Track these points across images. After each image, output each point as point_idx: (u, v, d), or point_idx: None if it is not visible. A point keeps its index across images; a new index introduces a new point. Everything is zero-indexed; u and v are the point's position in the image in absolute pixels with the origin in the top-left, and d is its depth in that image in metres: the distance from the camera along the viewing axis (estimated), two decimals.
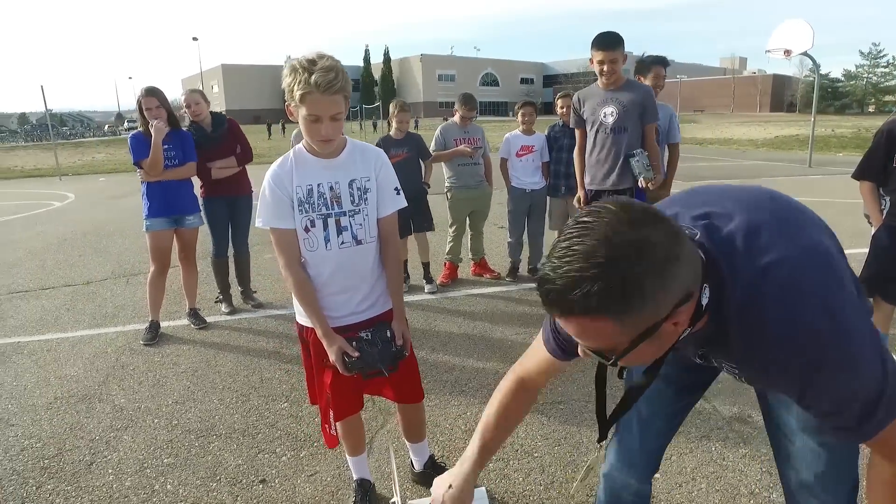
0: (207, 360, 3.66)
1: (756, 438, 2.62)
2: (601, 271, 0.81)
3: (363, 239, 1.89)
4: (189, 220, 4.12)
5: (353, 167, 1.87)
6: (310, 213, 1.83)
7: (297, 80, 1.63)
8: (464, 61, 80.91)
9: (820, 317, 0.95)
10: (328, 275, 1.87)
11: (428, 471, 2.31)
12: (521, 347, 3.64)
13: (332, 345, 1.82)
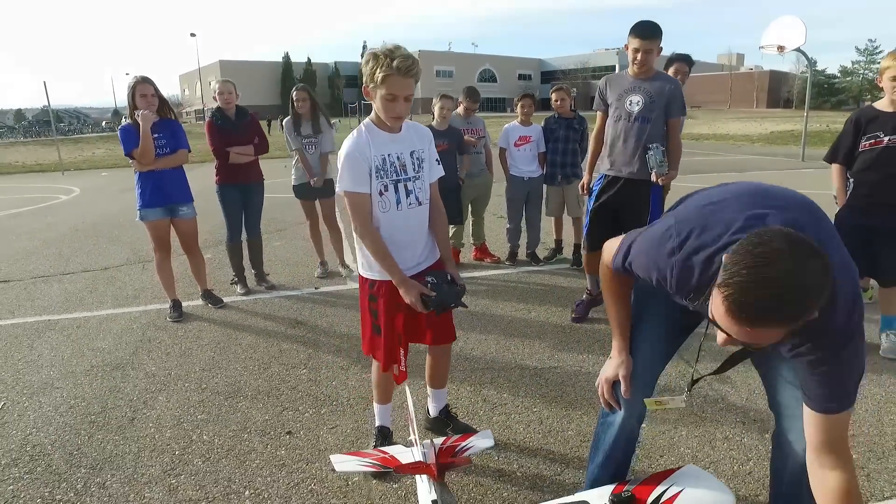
0: (228, 334, 3.93)
1: (732, 394, 2.90)
2: (794, 296, 1.12)
3: (423, 200, 2.24)
4: (183, 211, 4.25)
5: (412, 140, 2.22)
6: (384, 179, 2.14)
7: (379, 65, 1.96)
8: (462, 57, 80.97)
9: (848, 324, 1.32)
10: (399, 232, 2.18)
11: (441, 417, 2.60)
12: (519, 324, 3.96)
13: (411, 289, 2.11)
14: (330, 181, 5.06)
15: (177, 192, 4.23)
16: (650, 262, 1.54)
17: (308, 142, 4.89)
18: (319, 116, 4.92)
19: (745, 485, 2.23)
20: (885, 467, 2.33)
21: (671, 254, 1.46)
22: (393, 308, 2.22)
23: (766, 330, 1.18)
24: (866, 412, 2.74)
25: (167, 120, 4.17)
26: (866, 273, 3.41)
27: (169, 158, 4.14)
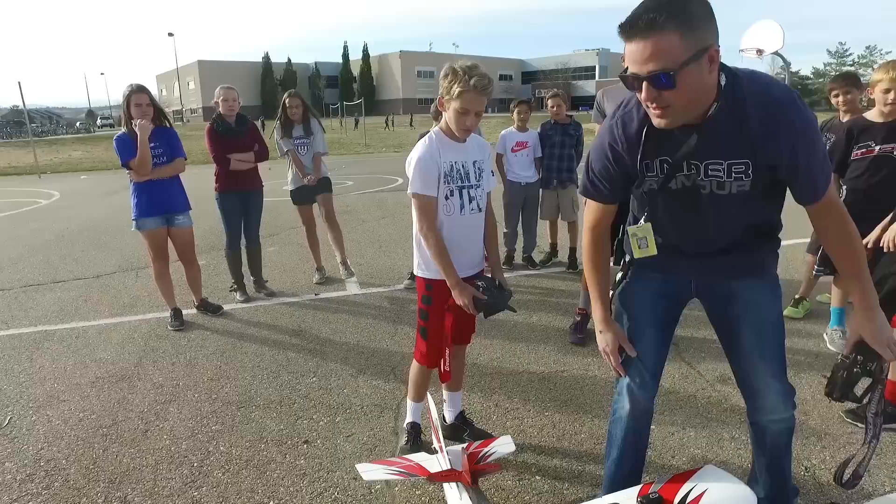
0: (232, 343, 3.93)
1: (734, 395, 3.00)
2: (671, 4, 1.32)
3: (482, 207, 2.39)
4: (179, 220, 4.23)
5: (474, 151, 2.37)
6: (450, 185, 2.28)
7: (457, 80, 2.12)
8: (443, 58, 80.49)
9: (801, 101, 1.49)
10: (459, 236, 2.32)
11: (458, 423, 2.66)
12: (521, 327, 4.03)
13: (465, 291, 2.23)
14: (326, 179, 5.12)
15: (174, 201, 4.20)
16: (600, 146, 1.72)
17: (301, 143, 4.94)
18: (311, 119, 4.97)
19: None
20: (885, 462, 2.44)
21: (610, 118, 1.71)
22: (443, 309, 2.35)
23: (652, 39, 1.34)
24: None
25: (163, 129, 4.15)
26: None
27: (167, 168, 4.12)
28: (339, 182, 12.67)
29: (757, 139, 1.48)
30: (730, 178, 1.56)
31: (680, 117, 1.47)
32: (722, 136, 1.51)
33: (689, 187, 1.63)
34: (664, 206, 1.71)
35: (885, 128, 3.32)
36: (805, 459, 2.48)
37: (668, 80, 1.36)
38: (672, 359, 3.45)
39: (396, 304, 4.61)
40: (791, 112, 1.47)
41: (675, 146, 1.56)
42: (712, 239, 1.74)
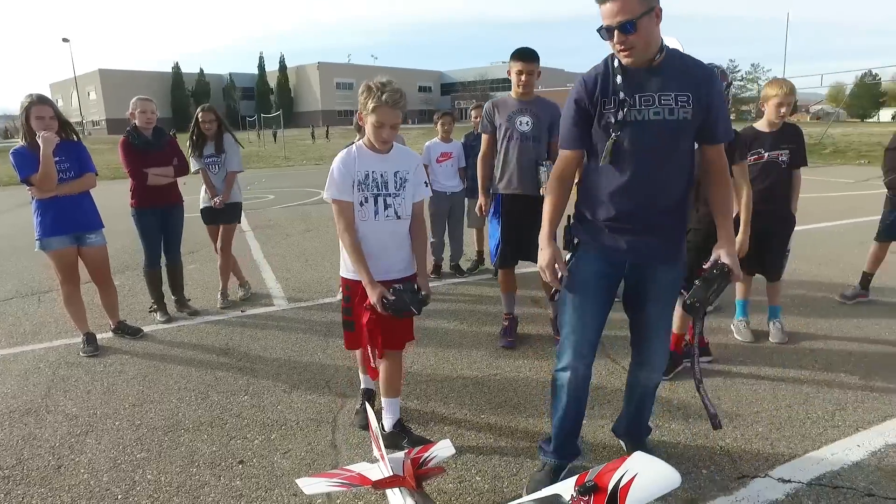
0: (155, 366, 3.73)
1: None
2: None
3: (402, 215, 2.54)
4: (91, 239, 3.98)
5: (398, 162, 2.53)
6: (365, 192, 2.46)
7: (372, 96, 2.34)
8: (362, 69, 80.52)
9: None
10: (374, 239, 2.49)
11: (397, 431, 2.67)
12: (452, 334, 4.10)
13: (375, 290, 2.39)
14: (235, 206, 4.88)
15: (84, 219, 3.94)
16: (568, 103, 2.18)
17: (212, 161, 4.72)
18: (223, 135, 4.76)
19: (678, 465, 2.49)
20: (785, 435, 2.69)
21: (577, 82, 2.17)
22: (362, 305, 2.51)
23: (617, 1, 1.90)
24: (765, 391, 3.14)
25: (69, 142, 3.89)
26: (758, 271, 3.88)
27: (75, 184, 3.86)
28: (260, 196, 12.33)
29: (695, 79, 2.05)
30: (678, 104, 2.03)
31: (640, 56, 2.01)
32: (670, 75, 2.04)
33: (642, 121, 2.05)
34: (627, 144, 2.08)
35: (772, 136, 3.69)
36: (720, 439, 2.69)
37: (632, 26, 1.93)
38: (598, 356, 3.62)
39: (327, 317, 4.55)
40: (713, 75, 2.09)
41: (636, 83, 2.05)
42: (659, 194, 2.12)
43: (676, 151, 2.10)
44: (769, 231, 3.75)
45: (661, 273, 2.22)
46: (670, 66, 2.04)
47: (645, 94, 2.04)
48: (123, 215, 4.50)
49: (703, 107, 2.05)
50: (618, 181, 2.11)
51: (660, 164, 2.09)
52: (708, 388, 3.10)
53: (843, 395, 3.08)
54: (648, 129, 2.05)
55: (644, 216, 2.14)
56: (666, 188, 2.13)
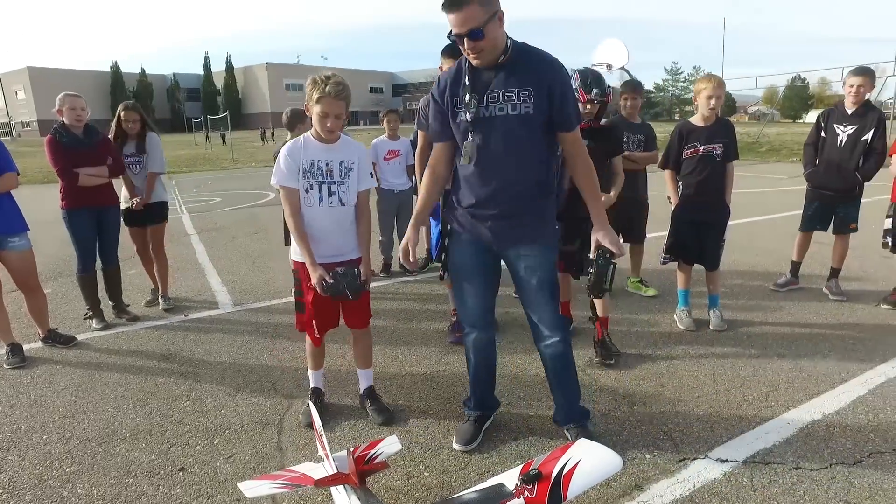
0: (89, 375, 3.54)
1: (602, 377, 3.27)
2: None
3: (346, 202, 2.66)
4: (14, 243, 3.74)
5: (343, 152, 2.66)
6: (310, 179, 2.60)
7: (316, 87, 2.48)
8: (312, 70, 76.20)
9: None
10: (318, 225, 2.62)
11: (364, 395, 2.98)
12: (402, 332, 4.07)
13: (315, 271, 2.55)
14: (160, 205, 4.69)
15: (6, 222, 3.70)
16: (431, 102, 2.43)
17: (132, 161, 4.50)
18: (146, 135, 4.55)
19: (623, 451, 2.55)
20: (723, 417, 2.79)
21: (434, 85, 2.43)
22: (306, 286, 2.66)
23: (462, 11, 2.09)
24: (706, 376, 3.25)
25: None
26: (697, 260, 4.02)
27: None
28: (206, 199, 11.95)
29: (537, 74, 2.23)
30: (520, 100, 2.23)
31: (488, 57, 2.21)
32: (513, 73, 2.23)
33: (489, 117, 2.26)
34: (480, 140, 2.28)
35: (707, 130, 3.83)
36: (663, 424, 2.76)
37: (480, 33, 2.12)
38: None
39: (273, 319, 4.45)
40: (557, 65, 2.28)
41: (483, 83, 2.26)
42: (512, 181, 2.33)
43: (526, 141, 2.30)
44: (706, 222, 3.90)
45: (529, 253, 2.43)
46: (515, 63, 2.24)
47: (491, 91, 2.25)
48: (56, 220, 4.26)
49: (546, 99, 2.23)
50: (474, 172, 2.35)
51: (510, 155, 2.30)
52: (651, 376, 3.22)
53: (776, 377, 3.22)
54: (496, 124, 2.27)
55: (501, 203, 2.36)
56: (519, 176, 2.34)
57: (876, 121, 4.26)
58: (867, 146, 4.26)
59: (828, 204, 4.54)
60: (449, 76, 2.36)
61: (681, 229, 3.99)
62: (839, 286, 4.58)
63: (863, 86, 4.31)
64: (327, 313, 2.74)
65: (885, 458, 2.44)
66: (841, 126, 4.39)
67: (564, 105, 2.27)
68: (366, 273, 2.68)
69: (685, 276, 4.11)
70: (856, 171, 4.32)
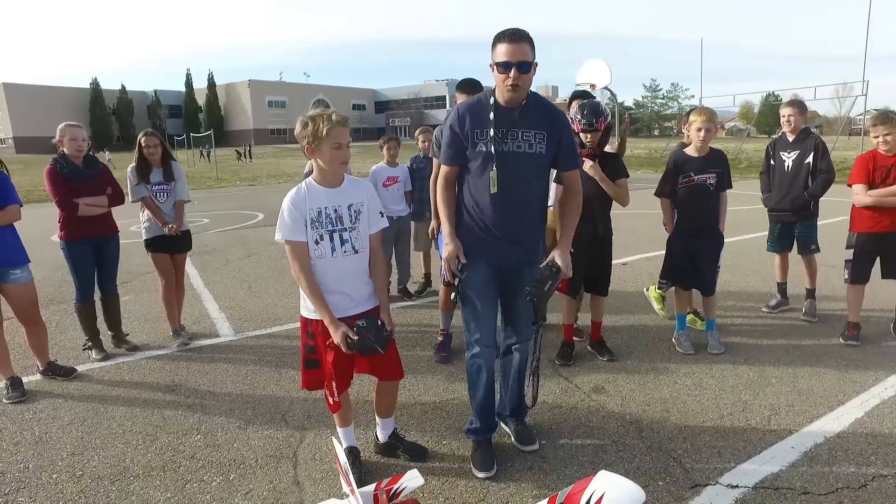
0: (94, 408, 3.51)
1: (610, 403, 3.34)
2: (528, 34, 2.48)
3: (359, 249, 2.51)
4: (15, 275, 3.72)
5: (351, 194, 2.52)
6: (319, 229, 2.43)
7: (322, 121, 2.34)
8: (294, 87, 79.41)
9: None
10: (332, 277, 2.47)
11: (392, 442, 2.84)
12: (406, 362, 4.03)
13: (338, 330, 2.38)
14: (187, 233, 4.71)
15: (7, 254, 3.67)
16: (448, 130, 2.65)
17: (160, 189, 4.53)
18: (171, 162, 4.63)
19: (636, 479, 2.60)
20: (730, 442, 2.87)
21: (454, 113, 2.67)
22: (324, 345, 2.48)
23: (520, 45, 2.41)
24: (709, 401, 3.33)
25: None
26: (693, 286, 4.14)
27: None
28: (194, 220, 11.86)
29: (550, 121, 2.59)
30: (535, 140, 2.55)
31: (522, 93, 2.51)
32: (530, 116, 2.56)
33: (508, 152, 2.53)
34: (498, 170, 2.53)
35: (700, 160, 3.96)
36: (672, 451, 2.82)
37: (529, 66, 2.45)
38: (551, 376, 3.75)
39: (276, 346, 4.45)
40: (563, 116, 2.69)
41: (507, 120, 2.54)
42: (522, 208, 2.62)
43: (535, 178, 2.64)
44: (701, 248, 4.01)
45: (527, 271, 2.69)
46: (532, 109, 2.57)
47: (512, 129, 2.54)
48: (41, 243, 4.25)
49: (555, 142, 2.59)
50: (493, 198, 2.57)
51: (523, 187, 2.59)
52: (656, 402, 3.30)
53: (777, 401, 3.32)
54: (514, 159, 2.54)
55: (512, 230, 2.63)
56: (527, 207, 2.65)
57: (814, 146, 4.59)
58: (811, 169, 4.58)
59: (787, 225, 4.80)
60: (468, 109, 2.61)
61: (676, 255, 4.10)
62: (814, 307, 4.74)
63: (793, 115, 4.69)
64: (346, 372, 2.57)
65: (889, 481, 2.53)
66: (786, 153, 4.75)
67: (571, 150, 2.68)
68: (388, 321, 2.54)
69: (682, 301, 4.21)
70: (804, 190, 4.60)
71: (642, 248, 7.48)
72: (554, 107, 2.70)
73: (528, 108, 2.56)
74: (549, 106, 2.68)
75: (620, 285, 5.85)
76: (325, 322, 2.42)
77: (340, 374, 2.52)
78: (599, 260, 3.86)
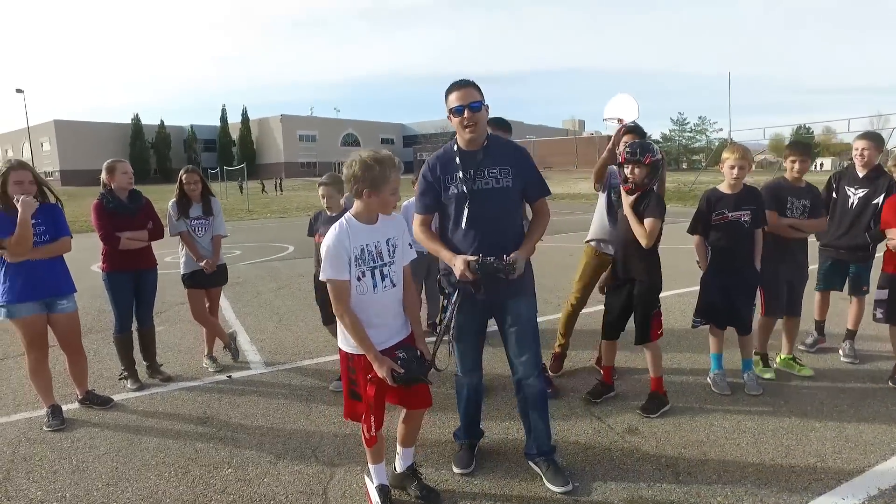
0: (128, 438, 3.56)
1: (645, 445, 3.25)
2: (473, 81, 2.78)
3: (396, 282, 2.60)
4: (62, 305, 3.83)
5: (387, 229, 2.60)
6: (362, 266, 2.50)
7: (385, 167, 2.45)
8: (324, 122, 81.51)
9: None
10: (375, 311, 2.54)
11: (408, 473, 2.85)
12: (438, 396, 4.03)
13: (383, 364, 2.45)
14: (223, 267, 4.85)
15: (56, 284, 3.80)
16: (421, 179, 2.89)
17: (199, 223, 4.69)
18: (210, 198, 4.79)
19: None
20: (773, 491, 2.75)
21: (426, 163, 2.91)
22: (365, 379, 2.53)
23: (467, 89, 2.70)
24: (748, 444, 3.22)
25: (47, 205, 3.83)
26: (728, 324, 4.04)
27: (50, 247, 3.76)
28: (226, 251, 12.04)
29: (512, 157, 2.83)
30: (502, 176, 2.77)
31: (480, 131, 2.75)
32: (493, 155, 2.80)
33: (478, 190, 2.74)
34: (475, 209, 2.75)
35: (734, 198, 3.92)
36: (712, 497, 2.72)
37: (478, 104, 2.71)
38: (583, 415, 3.68)
39: (307, 381, 4.46)
40: (523, 149, 2.94)
41: (472, 162, 2.77)
42: (500, 241, 2.74)
43: (506, 210, 2.83)
44: (735, 286, 3.94)
45: (517, 307, 2.86)
46: (494, 148, 2.82)
47: (479, 169, 2.77)
48: (82, 272, 4.39)
49: (520, 175, 2.81)
50: (468, 236, 2.77)
51: (497, 220, 2.79)
52: (693, 444, 3.16)
53: (822, 447, 3.18)
54: (485, 196, 2.76)
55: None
56: (503, 238, 2.78)
57: (886, 186, 4.32)
58: (877, 209, 4.29)
59: (841, 263, 4.59)
60: (437, 159, 2.88)
61: (710, 293, 4.03)
62: (853, 348, 4.57)
63: (868, 149, 4.40)
64: (383, 406, 2.62)
65: None
66: (852, 188, 4.48)
67: (538, 180, 2.92)
68: (425, 351, 2.60)
69: (717, 340, 4.11)
70: (866, 232, 4.39)
71: (674, 283, 7.35)
72: (514, 143, 2.98)
73: (489, 148, 2.81)
74: (510, 143, 2.97)
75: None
76: (368, 357, 2.47)
77: (380, 409, 2.57)
78: (635, 305, 3.63)
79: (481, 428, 3.24)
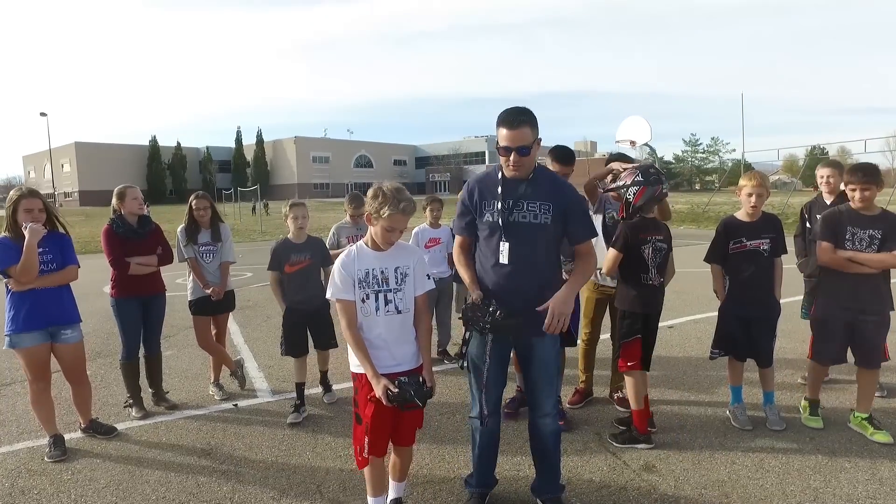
0: (130, 471, 3.48)
1: (662, 483, 3.11)
2: (528, 113, 2.60)
3: (402, 310, 2.61)
4: (66, 335, 3.77)
5: (398, 258, 2.62)
6: (365, 289, 2.57)
7: (388, 202, 2.46)
8: (338, 143, 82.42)
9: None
10: (377, 333, 2.59)
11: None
12: (446, 429, 4.00)
13: (379, 382, 2.46)
14: (231, 294, 4.81)
15: (60, 313, 3.76)
16: (460, 202, 2.83)
17: (207, 249, 4.65)
18: (219, 224, 4.76)
19: None
20: None
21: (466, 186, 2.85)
22: (366, 398, 2.57)
23: (519, 130, 2.55)
24: (773, 486, 3.06)
25: (55, 233, 3.81)
26: (748, 356, 3.90)
27: (56, 276, 3.73)
28: (237, 273, 12.12)
29: (556, 194, 2.69)
30: (540, 211, 2.65)
31: (525, 171, 2.65)
32: (538, 188, 2.67)
33: (513, 222, 2.65)
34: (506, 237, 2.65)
35: (752, 226, 3.81)
36: None
37: (527, 150, 2.58)
38: (598, 451, 3.54)
39: (314, 412, 4.36)
40: (570, 188, 2.80)
41: (513, 192, 2.67)
42: (531, 279, 2.66)
43: (542, 246, 2.70)
44: (756, 318, 3.80)
45: (538, 344, 2.74)
46: (540, 181, 2.69)
47: (519, 200, 2.66)
48: (89, 295, 4.36)
49: (561, 214, 2.67)
50: (495, 271, 2.70)
51: (529, 256, 2.66)
52: (713, 484, 3.12)
53: (853, 490, 3.01)
54: (520, 229, 2.65)
55: (519, 299, 2.63)
56: (535, 275, 2.68)
57: None
58: None
59: None
60: (478, 182, 2.80)
61: (729, 324, 3.89)
62: (879, 382, 4.36)
63: (832, 176, 4.39)
64: (383, 431, 2.60)
65: None
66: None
67: (581, 220, 2.76)
68: (430, 380, 2.60)
69: (737, 372, 3.96)
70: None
71: (689, 309, 7.21)
72: (562, 181, 2.83)
73: (535, 181, 2.68)
74: (557, 180, 2.81)
75: (667, 350, 5.61)
76: (367, 375, 2.51)
77: (377, 431, 2.57)
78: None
79: (495, 475, 3.04)
